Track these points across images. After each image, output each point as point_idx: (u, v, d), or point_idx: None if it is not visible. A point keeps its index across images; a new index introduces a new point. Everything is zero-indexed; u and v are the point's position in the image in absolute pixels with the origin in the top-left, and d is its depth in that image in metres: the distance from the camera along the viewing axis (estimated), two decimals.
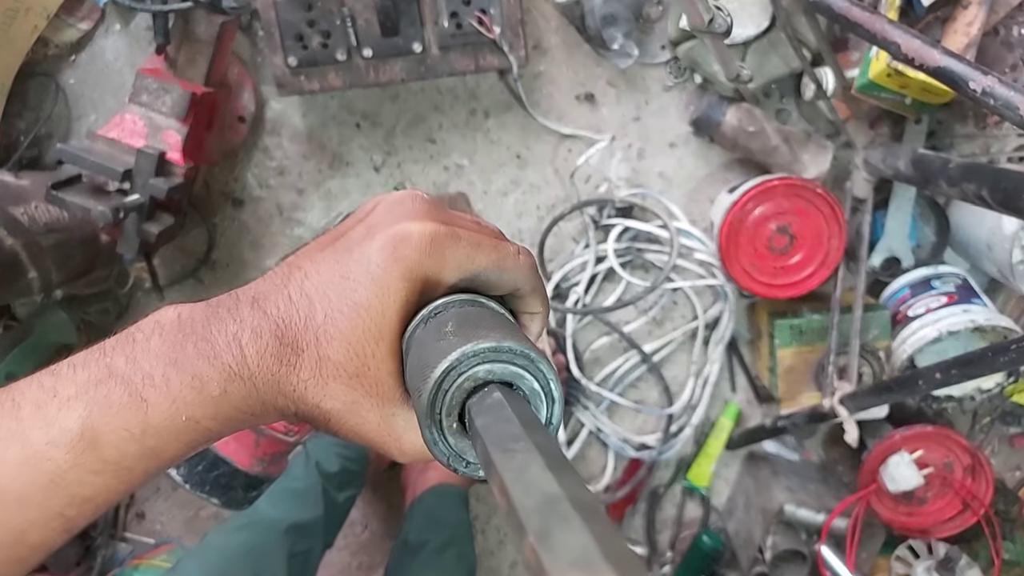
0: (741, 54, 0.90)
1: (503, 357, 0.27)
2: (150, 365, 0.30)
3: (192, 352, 0.30)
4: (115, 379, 0.29)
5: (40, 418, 0.29)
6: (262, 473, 0.63)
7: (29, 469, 0.28)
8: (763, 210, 0.92)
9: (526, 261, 0.33)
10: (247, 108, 0.98)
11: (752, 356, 1.09)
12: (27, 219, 0.81)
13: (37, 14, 0.90)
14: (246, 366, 0.30)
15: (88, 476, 0.29)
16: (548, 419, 0.28)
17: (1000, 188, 0.64)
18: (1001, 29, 0.92)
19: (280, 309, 0.31)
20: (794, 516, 0.98)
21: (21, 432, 0.29)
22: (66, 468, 0.29)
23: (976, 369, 0.68)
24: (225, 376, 0.30)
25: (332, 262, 0.32)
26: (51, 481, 0.29)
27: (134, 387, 0.29)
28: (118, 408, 0.29)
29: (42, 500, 0.29)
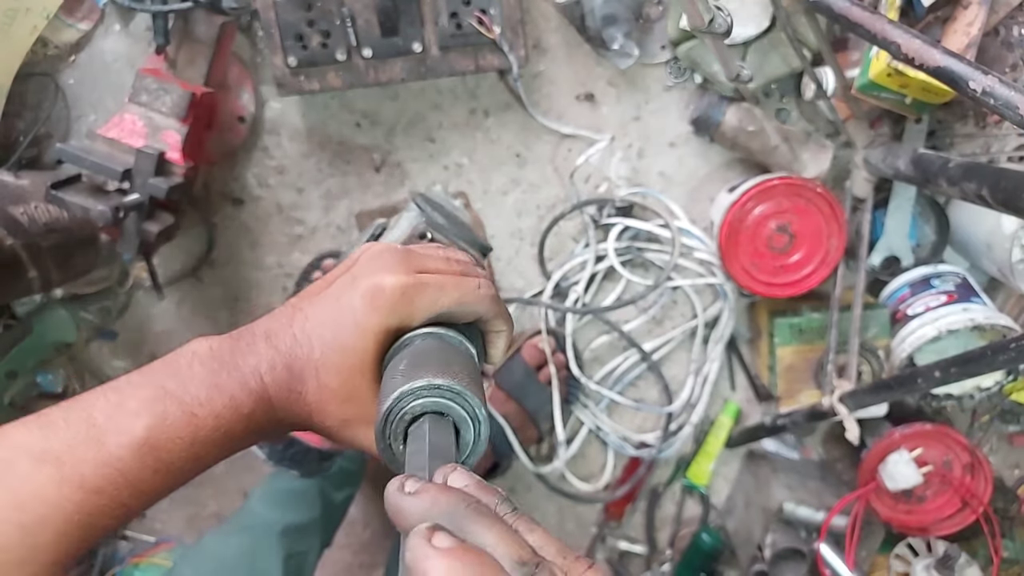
0: (741, 54, 0.90)
1: (434, 393, 0.34)
2: (196, 388, 0.38)
3: (227, 379, 0.39)
4: (170, 398, 0.38)
5: (112, 427, 0.36)
6: (331, 447, 0.70)
7: (104, 467, 0.36)
8: (763, 209, 0.93)
9: (486, 293, 0.42)
10: (247, 108, 0.98)
11: (752, 355, 1.09)
12: (27, 219, 0.81)
13: (37, 14, 0.90)
14: (267, 392, 0.40)
15: (148, 474, 0.37)
16: (476, 437, 0.36)
17: (1000, 187, 0.65)
18: (1001, 29, 0.92)
19: (288, 345, 0.40)
20: (793, 514, 0.98)
21: (96, 437, 0.36)
22: (132, 467, 0.36)
23: (975, 367, 0.68)
24: (253, 399, 0.39)
25: (325, 307, 0.41)
26: (121, 477, 0.36)
27: (186, 406, 0.38)
28: (173, 421, 0.37)
29: (113, 492, 0.36)
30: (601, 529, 1.17)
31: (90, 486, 0.36)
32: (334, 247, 1.05)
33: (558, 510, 1.16)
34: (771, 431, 1.00)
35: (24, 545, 0.35)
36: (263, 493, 0.86)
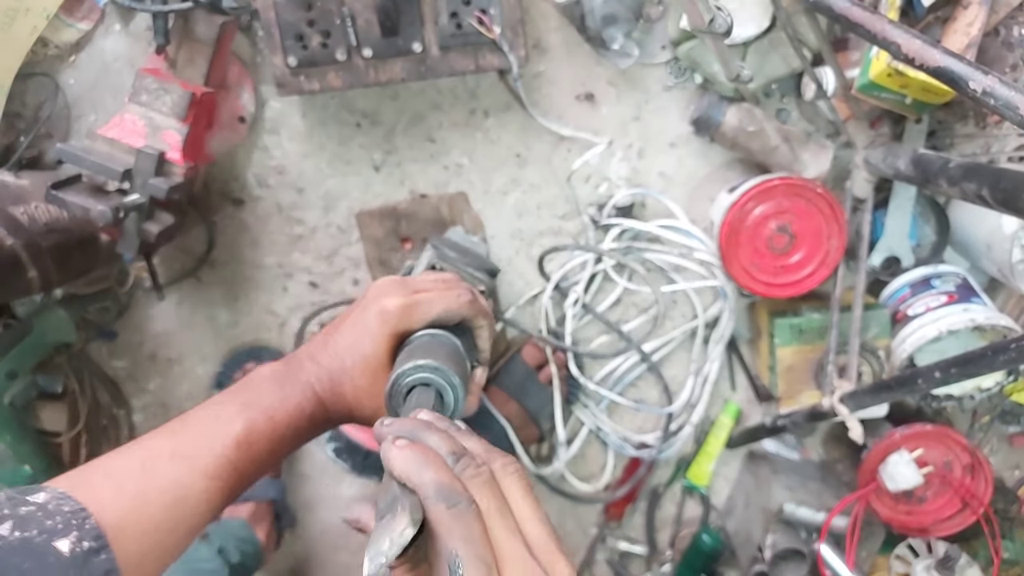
0: (741, 54, 0.90)
1: (420, 370, 0.49)
2: (270, 400, 0.54)
3: (290, 391, 0.55)
4: (253, 408, 0.53)
5: (218, 431, 0.51)
6: None
7: (219, 459, 0.50)
8: (763, 209, 0.93)
9: (465, 300, 0.58)
10: (247, 108, 0.98)
11: (752, 355, 1.09)
12: (27, 219, 0.81)
13: (37, 14, 0.90)
14: (318, 397, 0.55)
15: (247, 463, 0.51)
16: (454, 398, 0.50)
17: (1000, 188, 0.64)
18: (1002, 29, 0.92)
19: (327, 361, 0.56)
20: (794, 515, 0.98)
21: (210, 439, 0.51)
22: (236, 459, 0.51)
23: (976, 368, 0.68)
24: (312, 403, 0.55)
25: (349, 330, 0.57)
26: (231, 465, 0.50)
27: (265, 412, 0.53)
28: (259, 424, 0.52)
29: (226, 477, 0.50)
30: (601, 530, 1.17)
31: (211, 474, 0.49)
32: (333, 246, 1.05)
33: (558, 510, 1.16)
34: (771, 432, 1.00)
35: (170, 519, 0.47)
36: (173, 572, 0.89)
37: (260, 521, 1.03)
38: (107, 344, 1.09)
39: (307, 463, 1.14)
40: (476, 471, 0.40)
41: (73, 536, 0.42)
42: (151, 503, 0.47)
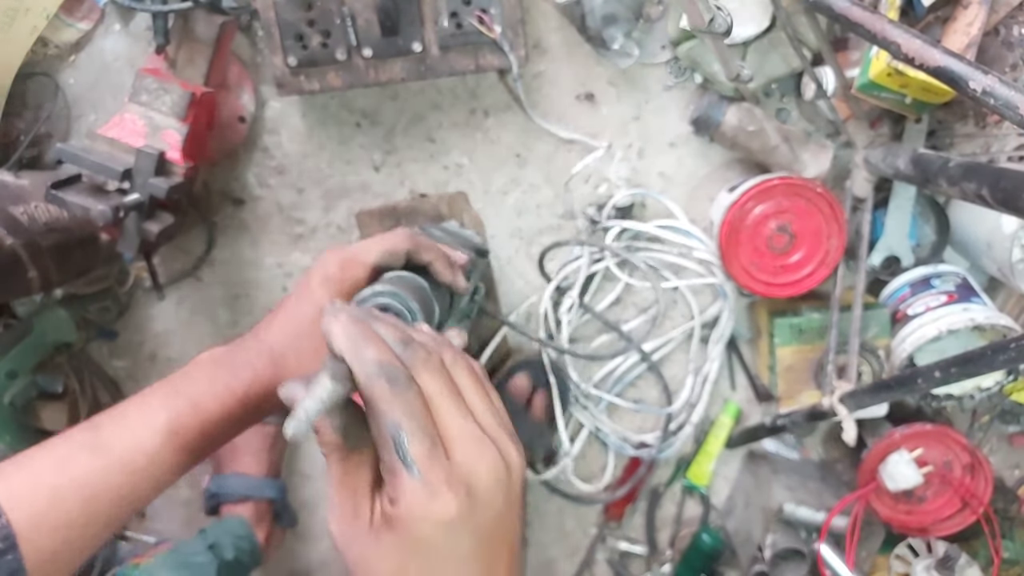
0: (741, 54, 0.90)
1: (379, 296, 0.50)
2: (199, 387, 0.52)
3: (222, 374, 0.53)
4: (180, 396, 0.51)
5: (141, 421, 0.50)
6: None
7: (138, 452, 0.49)
8: (763, 209, 0.93)
9: (403, 235, 0.57)
10: (247, 108, 0.98)
11: (752, 355, 1.09)
12: (27, 219, 0.81)
13: (36, 14, 0.90)
14: (259, 376, 0.53)
15: (170, 453, 0.50)
16: (409, 319, 0.50)
17: (1000, 187, 0.64)
18: (1002, 29, 0.92)
19: (271, 337, 0.55)
20: (793, 515, 0.98)
21: (132, 430, 0.50)
22: (159, 450, 0.49)
23: (976, 367, 0.68)
24: (245, 384, 0.53)
25: (293, 302, 0.56)
26: (150, 458, 0.49)
27: (192, 400, 0.51)
28: (185, 414, 0.51)
29: (148, 470, 0.49)
30: (601, 529, 1.17)
31: (131, 468, 0.48)
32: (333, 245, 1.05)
33: (558, 510, 1.16)
34: (771, 431, 1.00)
35: (85, 513, 0.47)
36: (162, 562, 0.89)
37: (260, 521, 1.03)
38: (107, 344, 1.09)
39: (307, 463, 1.14)
40: (426, 356, 0.39)
41: None
42: (66, 499, 0.46)
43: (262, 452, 1.05)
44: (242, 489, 1.02)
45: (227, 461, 1.04)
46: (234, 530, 0.98)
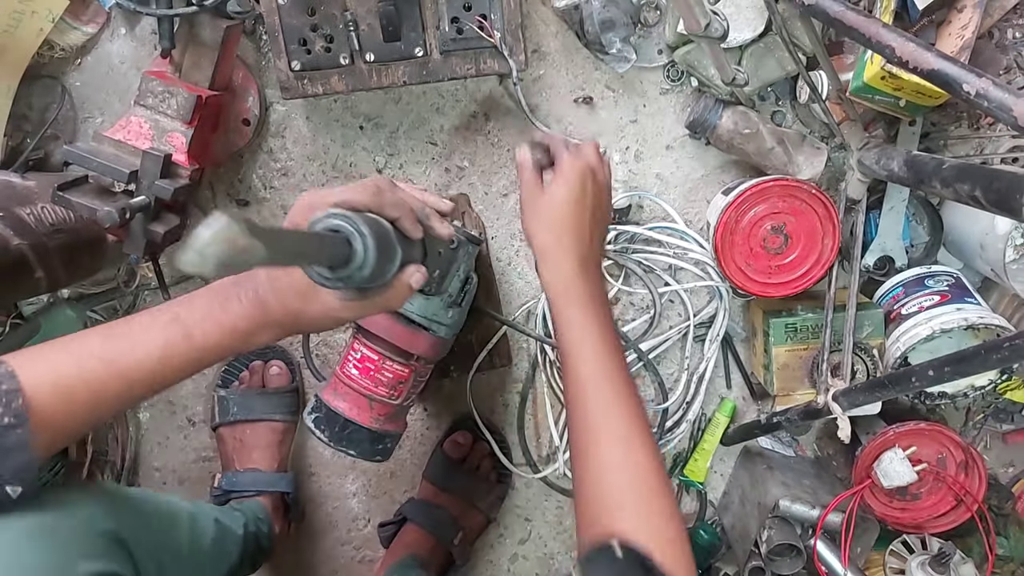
0: (737, 58, 0.92)
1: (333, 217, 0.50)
2: (197, 316, 0.60)
3: (216, 308, 0.60)
4: (178, 322, 0.59)
5: (143, 342, 0.59)
6: (380, 429, 0.78)
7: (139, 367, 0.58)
8: (758, 211, 0.94)
9: (371, 186, 0.58)
10: (251, 111, 0.99)
11: (747, 353, 1.10)
12: (34, 220, 0.82)
13: (42, 17, 0.91)
14: (244, 311, 0.59)
15: (165, 372, 0.59)
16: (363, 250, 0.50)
17: (993, 189, 0.65)
18: (995, 32, 0.93)
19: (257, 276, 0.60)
20: (789, 511, 1.00)
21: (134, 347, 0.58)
22: (156, 368, 0.58)
23: (969, 367, 0.68)
24: (234, 318, 0.59)
25: None
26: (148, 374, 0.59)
27: (186, 329, 0.59)
28: (178, 341, 0.59)
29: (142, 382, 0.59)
30: None
31: (130, 379, 0.58)
32: None
33: (557, 506, 1.17)
34: (766, 429, 1.01)
35: (88, 411, 0.57)
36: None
37: (274, 515, 1.04)
38: None
39: (312, 460, 1.15)
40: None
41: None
42: (77, 399, 0.56)
43: (272, 447, 1.06)
44: (256, 484, 1.03)
45: (238, 457, 1.05)
46: (256, 511, 1.00)
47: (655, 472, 0.63)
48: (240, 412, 1.05)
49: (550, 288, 0.70)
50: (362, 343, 0.78)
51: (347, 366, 0.79)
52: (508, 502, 1.16)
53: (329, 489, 1.17)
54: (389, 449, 0.82)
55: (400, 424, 0.83)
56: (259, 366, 1.09)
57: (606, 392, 0.66)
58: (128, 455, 1.11)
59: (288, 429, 1.09)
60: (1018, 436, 1.14)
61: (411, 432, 1.14)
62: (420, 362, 0.78)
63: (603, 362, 0.67)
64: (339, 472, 1.16)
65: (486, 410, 1.13)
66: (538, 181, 0.73)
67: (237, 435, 1.06)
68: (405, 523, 1.06)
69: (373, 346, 0.77)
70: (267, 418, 1.05)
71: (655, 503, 0.62)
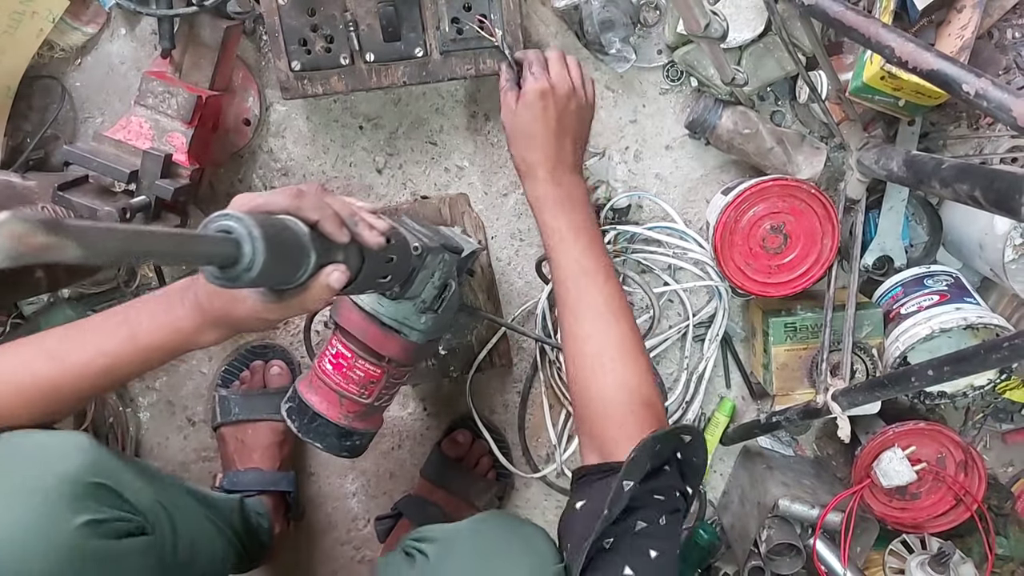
0: (737, 58, 0.92)
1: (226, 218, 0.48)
2: (139, 320, 0.65)
3: (161, 312, 0.64)
4: (126, 325, 0.65)
5: (93, 343, 0.65)
6: (349, 426, 0.79)
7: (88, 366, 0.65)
8: (758, 210, 0.94)
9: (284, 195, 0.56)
10: (252, 111, 0.99)
11: (747, 353, 1.11)
12: None
13: (42, 18, 0.91)
14: (198, 304, 0.62)
15: (115, 370, 0.66)
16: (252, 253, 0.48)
17: (992, 188, 0.65)
18: (995, 32, 0.93)
19: (197, 282, 0.63)
20: (788, 510, 1.00)
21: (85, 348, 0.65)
22: (104, 367, 0.65)
23: (968, 366, 0.67)
24: (175, 320, 0.64)
25: None
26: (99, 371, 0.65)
27: (133, 332, 0.65)
28: (125, 342, 0.65)
29: (91, 378, 0.66)
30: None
31: (79, 376, 0.65)
32: None
33: (557, 507, 1.17)
34: (766, 428, 1.01)
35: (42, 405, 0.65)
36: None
37: (275, 514, 1.04)
38: None
39: (312, 460, 1.15)
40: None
41: None
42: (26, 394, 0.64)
43: (273, 447, 1.06)
44: (258, 483, 1.03)
45: (239, 457, 1.05)
46: (255, 507, 1.00)
47: (632, 342, 0.75)
48: (242, 412, 1.06)
49: (531, 203, 0.81)
50: (339, 339, 0.78)
51: (323, 360, 0.79)
52: (507, 502, 1.16)
53: (329, 489, 1.17)
54: (358, 446, 0.82)
55: (372, 423, 0.83)
56: (260, 366, 1.09)
57: (582, 283, 0.76)
58: (128, 455, 1.11)
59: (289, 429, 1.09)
60: (1017, 436, 1.14)
61: (411, 432, 1.15)
62: (392, 364, 0.78)
63: (577, 258, 0.77)
64: (339, 472, 1.16)
65: (486, 410, 1.13)
66: (513, 100, 0.80)
67: (238, 435, 1.06)
68: (400, 518, 1.06)
69: (347, 344, 0.77)
70: (269, 418, 1.05)
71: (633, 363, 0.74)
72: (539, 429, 1.13)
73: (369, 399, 0.79)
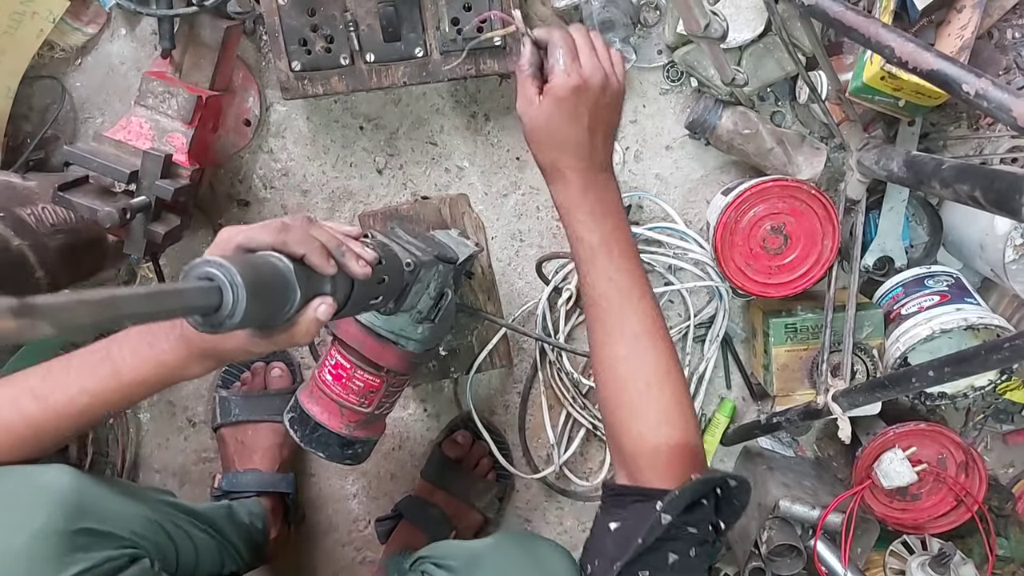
0: (737, 58, 0.92)
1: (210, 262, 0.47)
2: (122, 354, 0.63)
3: (144, 346, 0.62)
4: (108, 362, 0.63)
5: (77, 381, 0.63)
6: (349, 436, 0.79)
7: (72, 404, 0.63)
8: (758, 211, 0.94)
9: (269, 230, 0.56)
10: (252, 111, 0.99)
11: (747, 354, 1.11)
12: (34, 220, 0.82)
13: (43, 18, 0.91)
14: (183, 336, 0.60)
15: (97, 407, 0.64)
16: (233, 301, 0.47)
17: (993, 189, 0.64)
18: (995, 32, 0.93)
19: None
20: (789, 511, 0.99)
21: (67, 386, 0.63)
22: (88, 405, 0.63)
23: (969, 367, 0.67)
24: (159, 354, 0.62)
25: None
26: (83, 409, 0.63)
27: (116, 367, 0.63)
28: (107, 378, 0.63)
29: (75, 417, 0.64)
30: None
31: (62, 414, 0.63)
32: None
33: (557, 508, 1.17)
34: (766, 429, 1.01)
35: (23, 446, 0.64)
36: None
37: (274, 516, 1.04)
38: None
39: (312, 462, 1.15)
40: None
41: None
42: (15, 433, 0.62)
43: (273, 448, 1.06)
44: (256, 484, 1.03)
45: (239, 458, 1.05)
46: (250, 507, 1.00)
47: (667, 366, 0.70)
48: (242, 413, 1.05)
49: (558, 207, 0.75)
50: (337, 350, 0.78)
51: (323, 371, 0.79)
52: (507, 503, 1.15)
53: (329, 491, 1.17)
54: (360, 454, 0.82)
55: (374, 430, 0.82)
56: (261, 368, 1.09)
57: (615, 302, 0.71)
58: (128, 456, 1.11)
59: None
60: (1018, 437, 1.14)
61: (411, 433, 1.15)
62: (391, 374, 0.78)
63: (611, 276, 0.71)
64: (339, 474, 1.16)
65: (486, 411, 1.13)
66: (534, 91, 0.69)
67: (238, 436, 1.06)
68: (401, 520, 1.06)
69: (346, 355, 0.77)
70: (269, 419, 1.05)
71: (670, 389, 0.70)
72: (539, 430, 1.13)
73: (369, 408, 0.79)
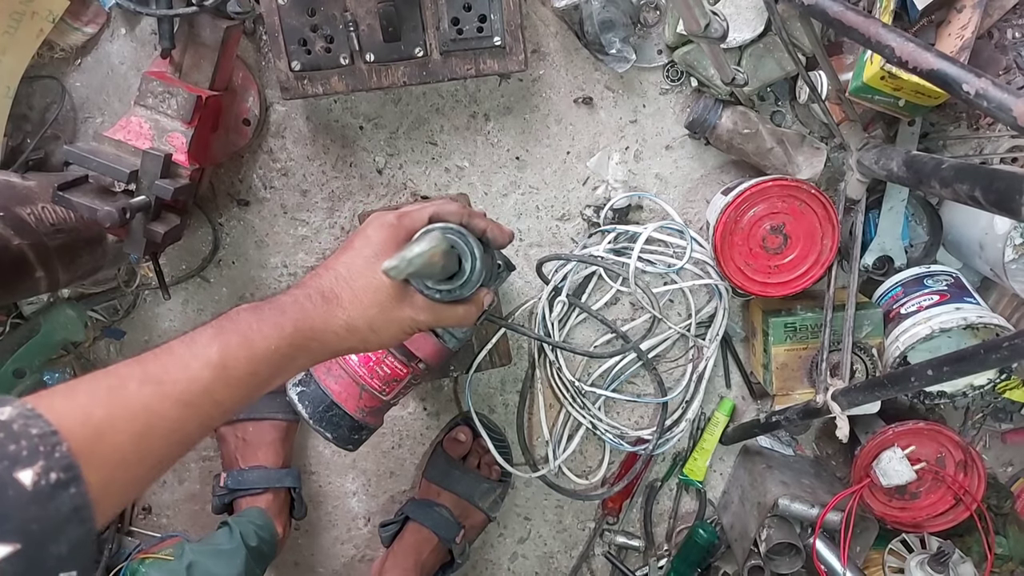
0: (737, 58, 0.92)
1: (450, 231, 0.56)
2: (247, 324, 0.53)
3: (268, 312, 0.55)
4: (228, 332, 0.52)
5: (191, 354, 0.49)
6: (362, 420, 0.78)
7: (192, 383, 0.48)
8: (758, 210, 0.94)
9: (457, 204, 0.62)
10: (252, 111, 0.99)
11: (746, 353, 1.11)
12: (34, 220, 0.82)
13: (42, 18, 0.91)
14: (307, 312, 0.56)
15: (222, 387, 0.50)
16: (472, 262, 0.58)
17: (993, 189, 0.65)
18: (995, 32, 0.93)
19: (320, 282, 0.59)
20: (788, 510, 1.00)
21: (182, 361, 0.49)
22: (210, 383, 0.49)
23: (968, 366, 0.68)
24: (294, 320, 0.55)
25: (347, 249, 0.62)
26: (205, 391, 0.48)
27: (243, 334, 0.52)
28: (235, 346, 0.51)
29: (198, 404, 0.48)
30: (599, 524, 1.18)
31: (184, 400, 0.47)
32: (337, 247, 1.06)
33: (556, 505, 1.17)
34: (765, 428, 1.02)
35: (138, 449, 0.44)
36: (196, 551, 0.93)
37: (279, 512, 1.04)
38: (114, 342, 1.10)
39: (312, 459, 1.16)
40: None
41: (39, 466, 0.36)
42: (120, 431, 0.43)
43: (276, 444, 1.06)
44: (262, 481, 1.03)
45: (241, 455, 1.06)
46: (255, 520, 1.01)
47: None
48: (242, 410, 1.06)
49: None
50: None
51: None
52: (508, 501, 1.16)
53: (329, 488, 1.17)
54: (361, 441, 0.83)
55: (379, 420, 0.83)
56: None
57: None
58: None
59: (291, 427, 1.09)
60: (1017, 435, 1.14)
61: (411, 432, 1.15)
62: (420, 366, 0.78)
63: None
64: (339, 471, 1.16)
65: (485, 409, 1.13)
66: None
67: (240, 433, 1.06)
68: (407, 522, 1.06)
69: None
70: (271, 416, 1.06)
71: None
72: (538, 428, 1.13)
73: (388, 396, 0.80)
